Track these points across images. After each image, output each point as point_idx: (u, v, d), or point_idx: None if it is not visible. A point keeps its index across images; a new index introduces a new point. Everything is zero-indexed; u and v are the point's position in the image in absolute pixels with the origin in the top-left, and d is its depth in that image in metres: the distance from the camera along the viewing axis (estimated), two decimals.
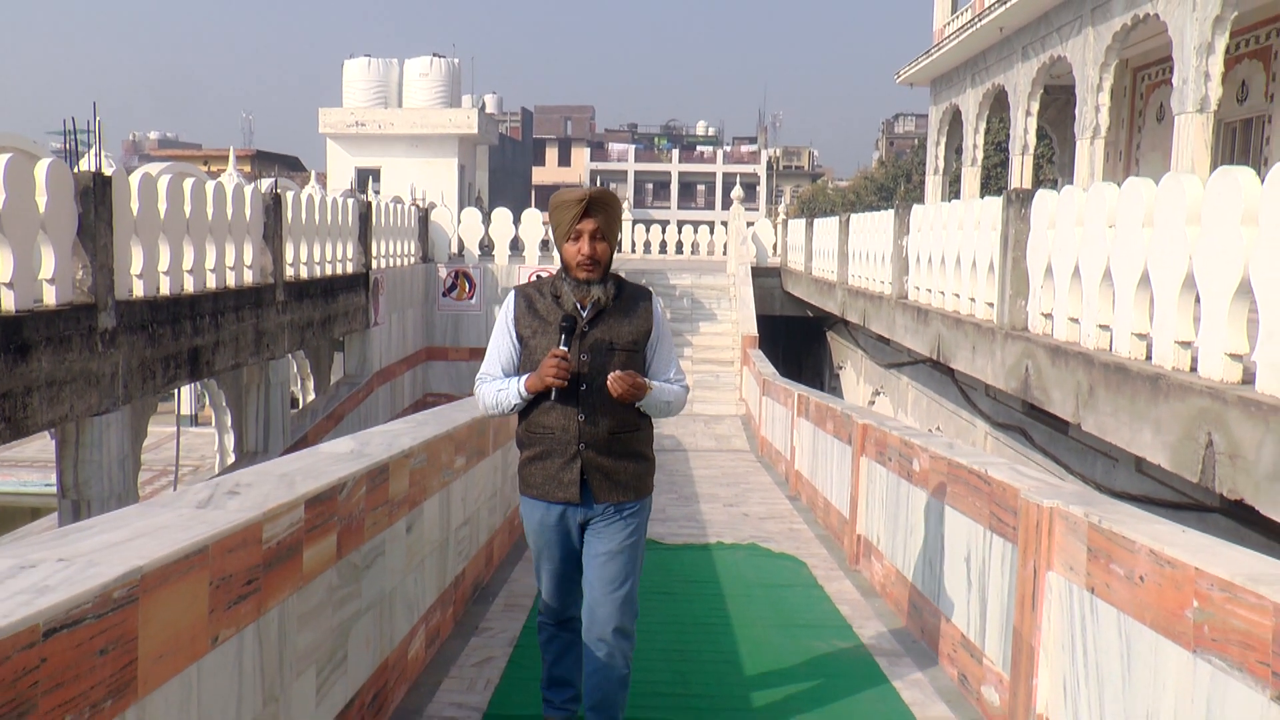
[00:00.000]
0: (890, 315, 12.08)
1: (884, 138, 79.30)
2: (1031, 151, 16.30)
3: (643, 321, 3.32)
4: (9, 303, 7.17)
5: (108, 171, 9.00)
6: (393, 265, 18.51)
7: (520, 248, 21.41)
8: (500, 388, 3.29)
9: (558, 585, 3.43)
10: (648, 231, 28.96)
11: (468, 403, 5.93)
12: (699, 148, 75.58)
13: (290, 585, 2.83)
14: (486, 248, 21.96)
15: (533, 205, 31.35)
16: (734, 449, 13.28)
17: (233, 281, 11.25)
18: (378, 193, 29.04)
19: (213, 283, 10.73)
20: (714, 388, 17.39)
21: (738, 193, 24.49)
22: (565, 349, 3.15)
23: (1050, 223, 7.24)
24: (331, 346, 17.48)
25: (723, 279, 21.85)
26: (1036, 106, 16.12)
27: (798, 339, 23.01)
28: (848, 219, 15.56)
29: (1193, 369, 5.13)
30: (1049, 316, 7.29)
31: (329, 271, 14.80)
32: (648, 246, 28.90)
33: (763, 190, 65.93)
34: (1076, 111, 13.80)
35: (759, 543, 7.11)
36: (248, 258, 11.71)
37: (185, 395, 22.50)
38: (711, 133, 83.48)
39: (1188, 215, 5.14)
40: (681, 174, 70.38)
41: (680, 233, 29.79)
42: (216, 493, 2.77)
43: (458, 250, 21.89)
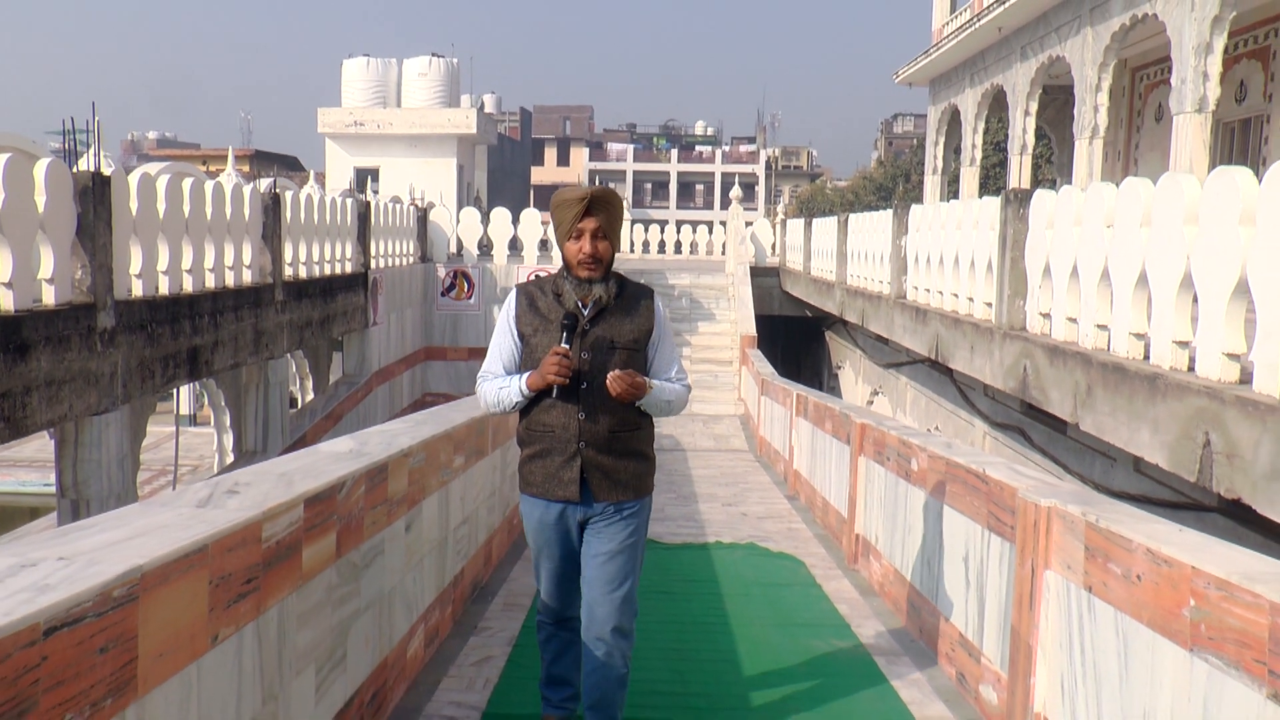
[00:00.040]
0: (889, 315, 12.09)
1: (883, 137, 79.36)
2: (1030, 151, 16.32)
3: (644, 320, 3.32)
4: (8, 302, 7.17)
5: (107, 171, 9.00)
6: (391, 265, 18.51)
7: (519, 248, 21.42)
8: (502, 385, 3.29)
9: (557, 584, 3.43)
10: (646, 231, 28.97)
11: (466, 402, 5.94)
12: (698, 147, 75.61)
13: (289, 584, 2.83)
14: (485, 247, 21.97)
15: (531, 205, 31.35)
16: (732, 449, 13.28)
17: (232, 281, 11.25)
18: (376, 192, 29.04)
19: (212, 282, 10.73)
20: (712, 387, 17.40)
21: (736, 193, 24.49)
22: (566, 346, 3.15)
23: (1048, 223, 7.25)
24: (330, 346, 17.49)
25: (721, 279, 21.86)
26: (1035, 106, 16.13)
27: (796, 339, 23.02)
28: (846, 219, 15.57)
29: (1190, 369, 5.14)
30: (1047, 316, 7.30)
31: (328, 271, 14.81)
32: (646, 246, 28.90)
33: (761, 190, 65.97)
34: (1075, 111, 13.81)
35: (757, 542, 7.12)
36: (246, 257, 11.71)
37: (184, 395, 22.52)
38: (710, 132, 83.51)
39: (1185, 215, 5.15)
40: (680, 174, 70.41)
41: (679, 232, 29.79)
42: (216, 492, 2.78)
43: (456, 250, 21.89)
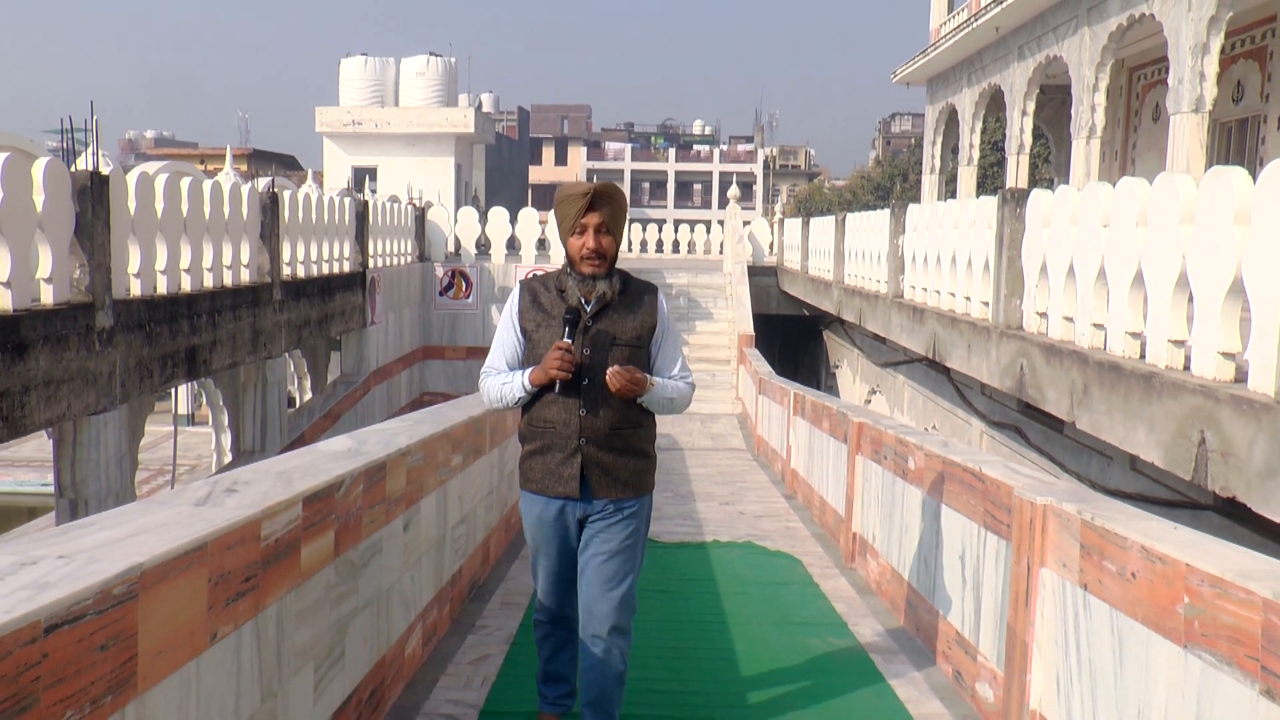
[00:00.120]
0: (886, 314, 12.11)
1: (880, 137, 79.39)
2: (1028, 151, 16.34)
3: (647, 317, 3.30)
4: (6, 302, 7.17)
5: (105, 170, 9.01)
6: (389, 264, 18.51)
7: (516, 247, 21.42)
8: (504, 381, 3.29)
9: (554, 583, 3.43)
10: (644, 231, 29.00)
11: (464, 401, 5.95)
12: (695, 147, 75.66)
13: (288, 582, 2.84)
14: (483, 247, 21.97)
15: (529, 204, 31.35)
16: (730, 447, 13.29)
17: (230, 280, 11.26)
18: (374, 192, 29.02)
19: (210, 282, 10.74)
20: (710, 386, 17.41)
21: (734, 192, 24.49)
22: (569, 341, 3.15)
23: (1045, 222, 7.27)
24: (328, 345, 17.50)
25: (719, 278, 21.87)
26: (1032, 106, 16.15)
27: (794, 338, 23.04)
28: (844, 218, 15.59)
29: (1186, 367, 5.16)
30: (1044, 315, 7.32)
31: (326, 270, 14.81)
32: (644, 245, 28.93)
33: (759, 189, 66.00)
34: (1072, 111, 13.83)
35: (755, 541, 7.13)
36: (245, 257, 11.72)
37: (182, 394, 22.52)
38: (708, 132, 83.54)
39: (1181, 215, 5.17)
40: (678, 173, 70.43)
41: (677, 232, 29.83)
42: (215, 490, 2.79)
43: (454, 249, 21.90)
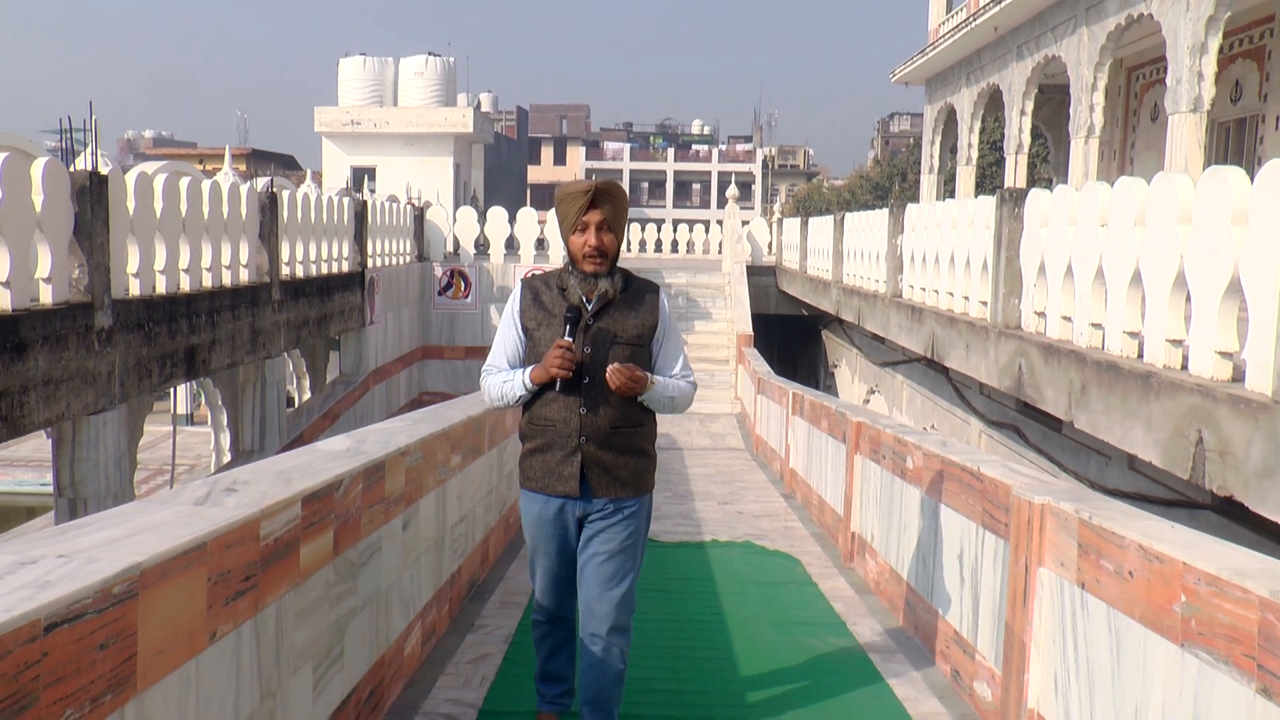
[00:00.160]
0: (885, 314, 12.12)
1: (879, 137, 79.39)
2: (1026, 151, 16.34)
3: (649, 316, 3.30)
4: (5, 302, 7.18)
5: (104, 170, 9.01)
6: (388, 264, 18.52)
7: (515, 246, 21.43)
8: (505, 379, 3.29)
9: (552, 583, 3.42)
10: (643, 230, 29.01)
11: (463, 401, 5.96)
12: (694, 146, 75.66)
13: (287, 582, 2.85)
14: (482, 246, 21.97)
15: (528, 204, 31.35)
16: (729, 447, 13.30)
17: (229, 280, 11.26)
18: (373, 191, 29.01)
19: (209, 281, 10.74)
20: (709, 386, 17.42)
21: (733, 192, 24.51)
22: (570, 340, 3.14)
23: (1043, 222, 7.28)
24: (327, 345, 17.49)
25: (718, 278, 21.88)
26: (1031, 106, 16.15)
27: (793, 337, 23.05)
28: (842, 218, 15.60)
29: (1183, 367, 5.17)
30: (1042, 315, 7.32)
31: (325, 270, 14.81)
32: (643, 245, 28.95)
33: (758, 189, 66.00)
34: (1071, 111, 13.84)
35: (754, 540, 7.14)
36: (243, 256, 11.72)
37: (181, 394, 22.52)
38: (707, 131, 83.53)
39: (1179, 215, 5.18)
40: (677, 173, 70.43)
41: (675, 232, 29.87)
42: (214, 490, 2.79)
43: (453, 249, 21.90)
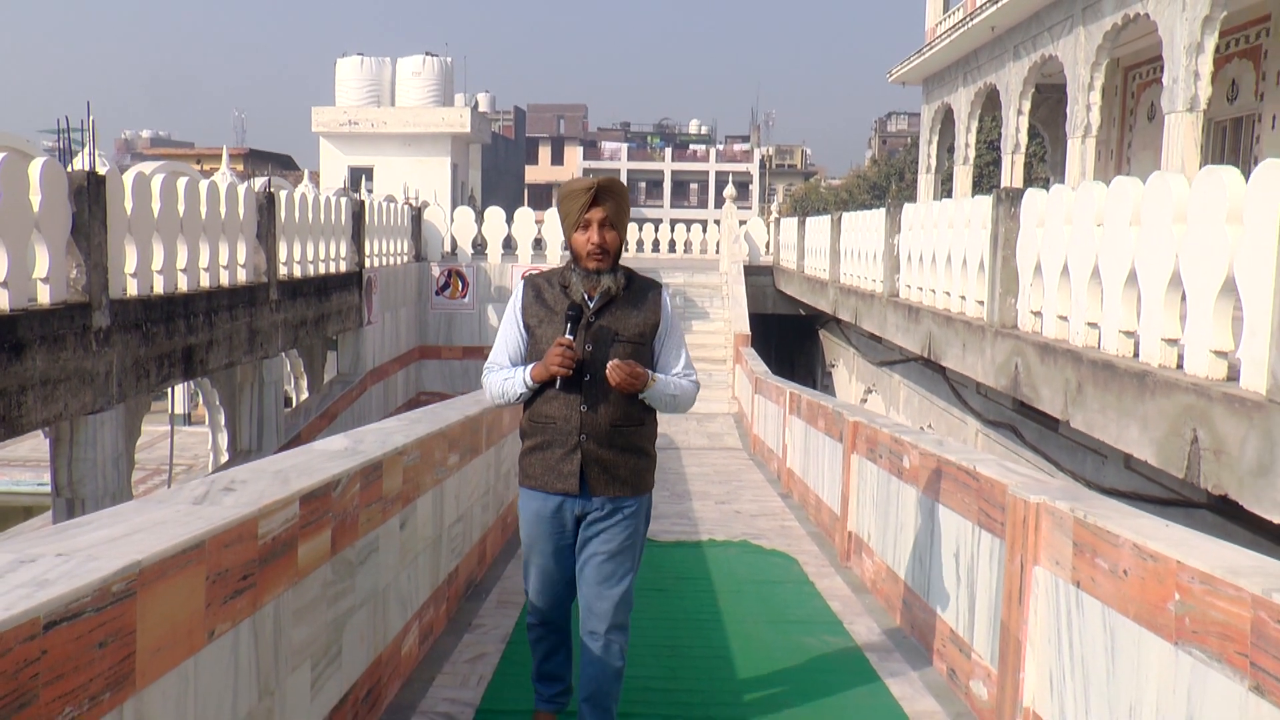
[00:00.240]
0: (882, 313, 12.13)
1: (877, 136, 79.41)
2: (1023, 150, 16.37)
3: (651, 314, 3.29)
4: (3, 302, 7.18)
5: (101, 170, 9.01)
6: (386, 264, 18.52)
7: (513, 246, 21.44)
8: (506, 377, 3.29)
9: (546, 583, 3.40)
10: (640, 230, 29.04)
11: (461, 401, 5.96)
12: (692, 146, 75.68)
13: (285, 580, 2.86)
14: (479, 246, 21.97)
15: (526, 204, 31.38)
16: (726, 447, 13.32)
17: (226, 280, 11.26)
18: (371, 191, 29.02)
19: (206, 281, 10.74)
20: (707, 386, 17.43)
21: (730, 191, 24.53)
22: (570, 337, 3.14)
23: (1039, 221, 7.29)
24: (325, 345, 17.50)
25: (715, 277, 21.91)
26: (1028, 105, 16.18)
27: (790, 337, 23.07)
28: (839, 217, 15.61)
29: (1179, 366, 5.19)
30: (1038, 314, 7.34)
31: (322, 270, 14.81)
32: (641, 245, 28.98)
33: (755, 189, 66.02)
34: (1068, 110, 13.86)
35: (751, 539, 7.15)
36: (241, 256, 11.72)
37: (179, 394, 22.50)
38: (704, 131, 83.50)
39: (1174, 214, 5.19)
40: (674, 173, 70.48)
41: (673, 231, 29.90)
42: (212, 489, 2.80)
43: (451, 249, 21.90)
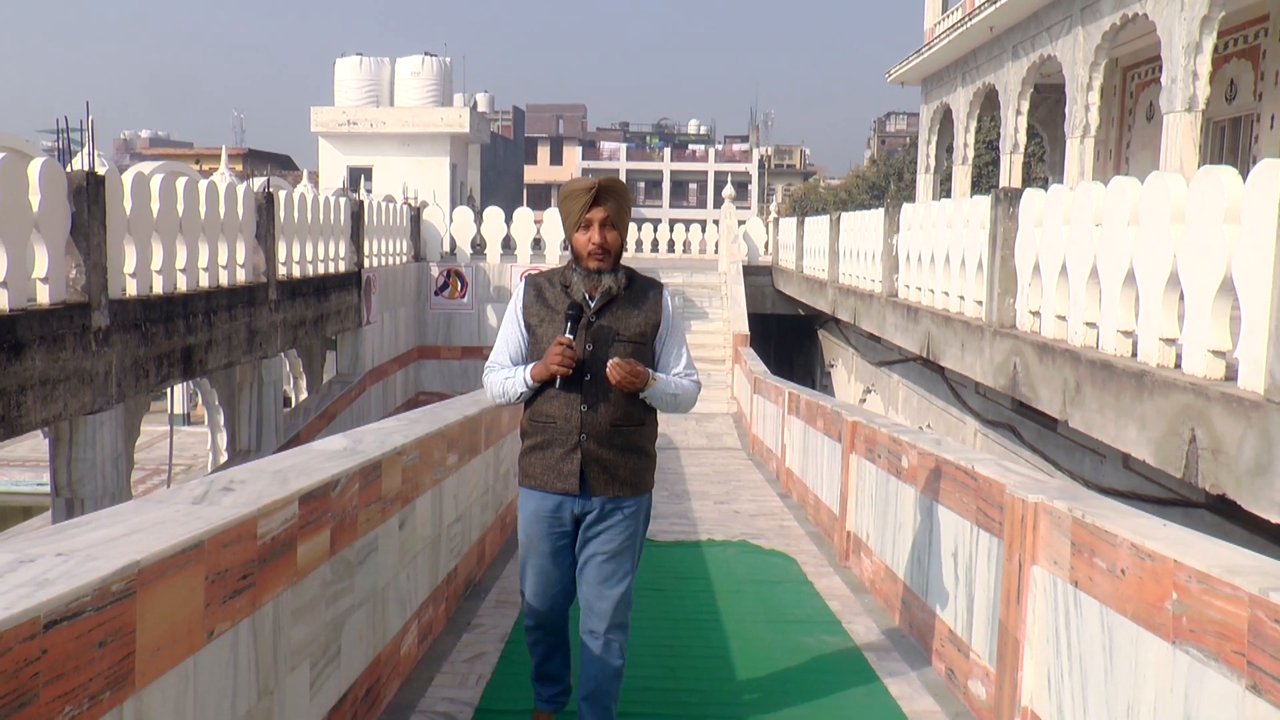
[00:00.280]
0: (880, 313, 12.14)
1: (876, 136, 79.39)
2: (1022, 150, 16.38)
3: (652, 313, 3.29)
4: (2, 302, 7.18)
5: (101, 170, 9.01)
6: (385, 264, 18.52)
7: (512, 246, 21.45)
8: (507, 376, 3.29)
9: (543, 584, 3.37)
10: (639, 230, 29.04)
11: (460, 401, 5.97)
12: (691, 146, 75.72)
13: (284, 580, 2.86)
14: (479, 246, 21.98)
15: (525, 204, 31.37)
16: (725, 447, 13.32)
17: (225, 280, 11.27)
18: (370, 191, 29.02)
19: (205, 281, 10.74)
20: (706, 386, 17.38)
21: (729, 191, 24.53)
22: (570, 337, 3.14)
23: (1038, 221, 7.30)
24: (324, 345, 17.50)
25: (714, 277, 21.92)
26: (1027, 105, 16.19)
27: (789, 337, 23.07)
28: (838, 218, 15.62)
29: (1177, 366, 5.19)
30: (1037, 314, 7.34)
31: (321, 270, 14.82)
32: (640, 245, 28.99)
33: (754, 189, 66.06)
34: (1066, 110, 13.87)
35: (749, 539, 7.15)
36: (240, 256, 11.73)
37: (178, 394, 22.50)
38: (703, 131, 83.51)
39: (1172, 214, 5.20)
40: (673, 173, 70.51)
41: (672, 231, 29.91)
42: (211, 489, 2.80)
43: (450, 249, 21.90)
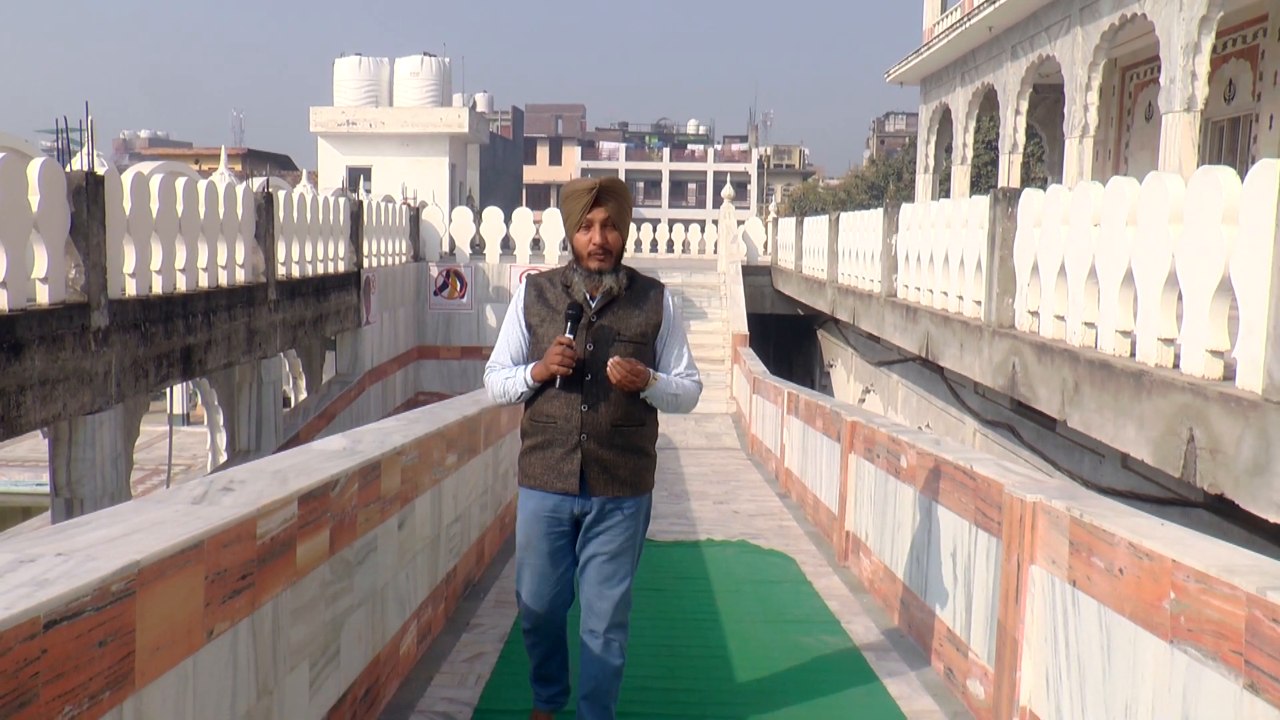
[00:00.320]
0: (879, 313, 12.15)
1: (875, 136, 79.40)
2: (1021, 150, 16.38)
3: (653, 314, 3.30)
4: (2, 302, 7.18)
5: (100, 171, 9.02)
6: (384, 264, 18.52)
7: (511, 246, 21.46)
8: (508, 376, 3.30)
9: (540, 586, 3.35)
10: (639, 230, 29.05)
11: (459, 401, 5.97)
12: (690, 146, 75.76)
13: (284, 580, 2.86)
14: (478, 246, 21.98)
15: (524, 204, 31.37)
16: (724, 447, 13.33)
17: (225, 280, 11.27)
18: (369, 192, 29.01)
19: (205, 282, 10.74)
20: (704, 385, 17.43)
21: (728, 191, 24.52)
22: (570, 336, 3.15)
23: (1036, 221, 7.30)
24: (323, 345, 17.50)
25: (713, 277, 21.92)
26: (1026, 105, 16.19)
27: (788, 337, 23.08)
28: (837, 218, 15.63)
29: (1175, 365, 5.20)
30: (1035, 314, 7.35)
31: (321, 270, 14.82)
32: (639, 245, 29.00)
33: (754, 189, 66.09)
34: (1065, 110, 13.87)
35: (749, 539, 7.16)
36: (240, 257, 11.73)
37: (177, 394, 22.50)
38: (702, 131, 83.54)
39: (1170, 214, 5.20)
40: (672, 173, 70.54)
41: (671, 231, 29.92)
42: (211, 489, 2.81)
43: (449, 249, 21.90)
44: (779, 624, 5.12)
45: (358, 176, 35.17)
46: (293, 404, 17.70)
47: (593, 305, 3.23)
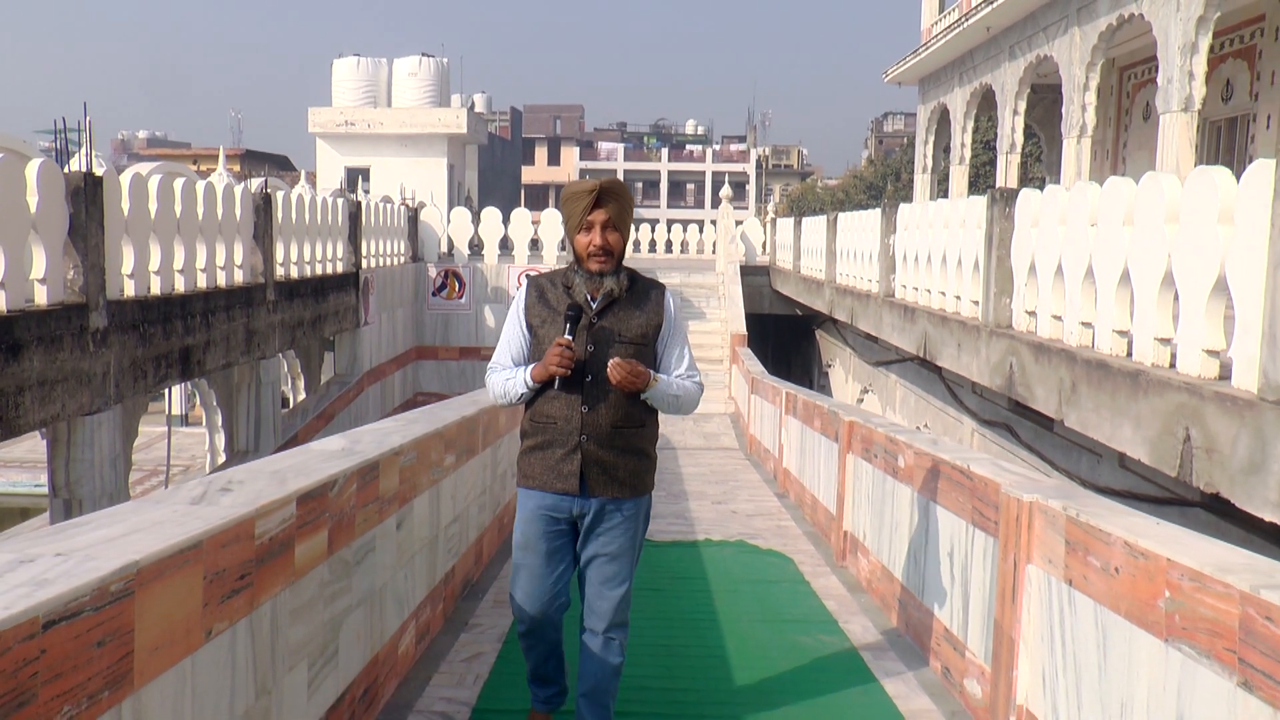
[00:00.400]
0: (877, 313, 12.16)
1: (873, 136, 79.41)
2: (1019, 150, 16.40)
3: (654, 315, 3.31)
4: (0, 303, 7.19)
5: (98, 171, 9.02)
6: (383, 265, 18.53)
7: (510, 247, 21.47)
8: (508, 377, 3.30)
9: (535, 587, 3.33)
10: (637, 231, 29.06)
11: (457, 401, 5.98)
12: (688, 146, 75.78)
13: (282, 580, 2.87)
14: (476, 247, 21.99)
15: (522, 204, 31.40)
16: (723, 447, 13.33)
17: (223, 281, 11.27)
18: (367, 192, 29.03)
19: (203, 282, 10.75)
20: (704, 386, 17.44)
21: (727, 191, 24.54)
22: (570, 337, 3.15)
23: (1034, 221, 7.31)
24: (322, 346, 17.51)
25: (712, 278, 21.94)
26: (1024, 105, 16.21)
27: (786, 337, 23.10)
28: (835, 218, 15.64)
29: (1171, 365, 5.21)
30: (1033, 314, 7.36)
31: (319, 271, 14.83)
32: (637, 245, 29.04)
33: (752, 189, 66.12)
34: (1063, 110, 13.89)
35: (747, 539, 7.17)
36: (238, 257, 11.74)
37: (176, 395, 22.49)
38: (701, 131, 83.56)
39: (1167, 214, 5.22)
40: (671, 173, 70.56)
41: (669, 231, 29.96)
42: (210, 489, 2.81)
43: (447, 250, 21.91)
44: (777, 624, 5.12)
45: (356, 177, 35.19)
46: (291, 405, 17.69)
47: (593, 306, 3.24)
